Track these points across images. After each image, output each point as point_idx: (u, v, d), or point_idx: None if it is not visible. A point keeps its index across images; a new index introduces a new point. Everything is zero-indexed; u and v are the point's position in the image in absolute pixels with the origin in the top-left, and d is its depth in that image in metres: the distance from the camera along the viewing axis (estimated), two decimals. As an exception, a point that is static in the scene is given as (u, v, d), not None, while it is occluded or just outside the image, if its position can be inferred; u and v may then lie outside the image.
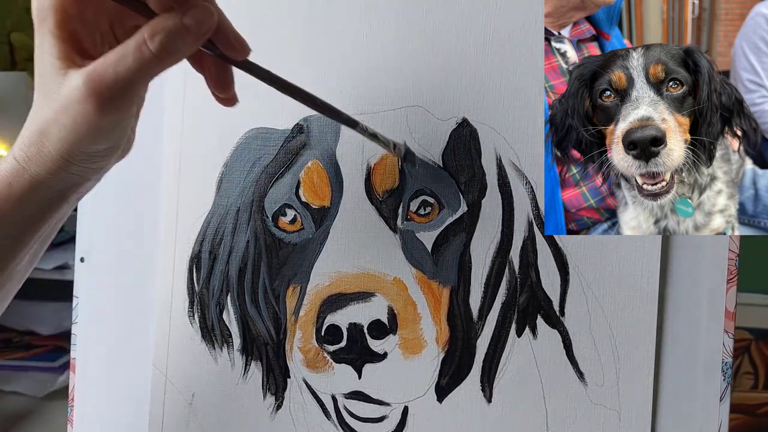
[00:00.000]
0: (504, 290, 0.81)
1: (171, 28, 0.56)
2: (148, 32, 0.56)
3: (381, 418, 0.83)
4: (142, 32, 0.56)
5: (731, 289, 0.79)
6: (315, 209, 0.84)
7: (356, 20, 0.84)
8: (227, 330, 0.86)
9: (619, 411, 0.79)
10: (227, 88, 0.68)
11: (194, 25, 0.57)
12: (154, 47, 0.56)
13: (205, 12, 0.58)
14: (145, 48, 0.56)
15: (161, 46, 0.56)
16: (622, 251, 0.79)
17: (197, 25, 0.57)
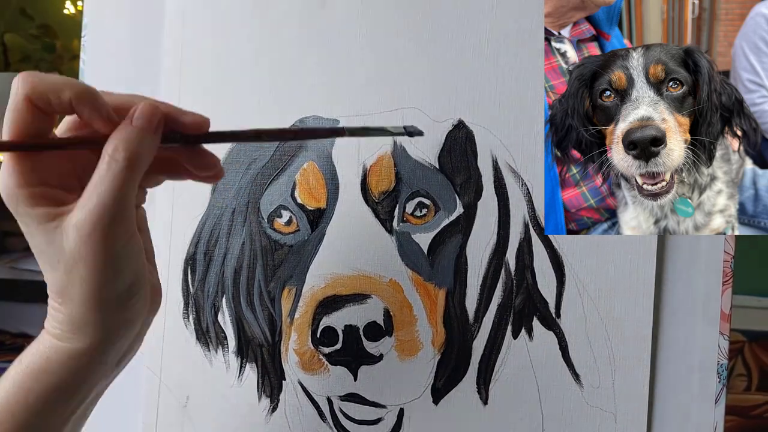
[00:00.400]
0: (500, 292, 0.81)
1: (127, 135, 0.58)
2: (110, 149, 0.58)
3: (376, 421, 0.83)
4: (105, 151, 0.58)
5: (726, 291, 0.79)
6: (310, 211, 0.83)
7: (352, 20, 0.84)
8: (222, 332, 0.86)
9: (615, 413, 0.79)
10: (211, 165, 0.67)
11: (146, 123, 0.59)
12: (120, 158, 0.57)
13: (148, 107, 0.60)
14: (113, 163, 0.57)
15: (126, 154, 0.58)
16: (618, 252, 0.79)
17: (148, 121, 0.59)
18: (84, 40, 0.91)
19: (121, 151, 0.57)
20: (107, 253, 0.58)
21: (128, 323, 0.62)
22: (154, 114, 0.60)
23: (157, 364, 0.87)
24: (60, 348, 0.60)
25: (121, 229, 0.58)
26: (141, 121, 0.59)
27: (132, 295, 0.61)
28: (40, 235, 0.59)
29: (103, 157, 0.58)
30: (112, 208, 0.57)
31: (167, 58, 0.88)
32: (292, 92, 0.84)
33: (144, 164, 0.60)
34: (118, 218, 0.58)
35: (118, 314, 0.61)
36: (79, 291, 0.58)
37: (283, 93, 0.85)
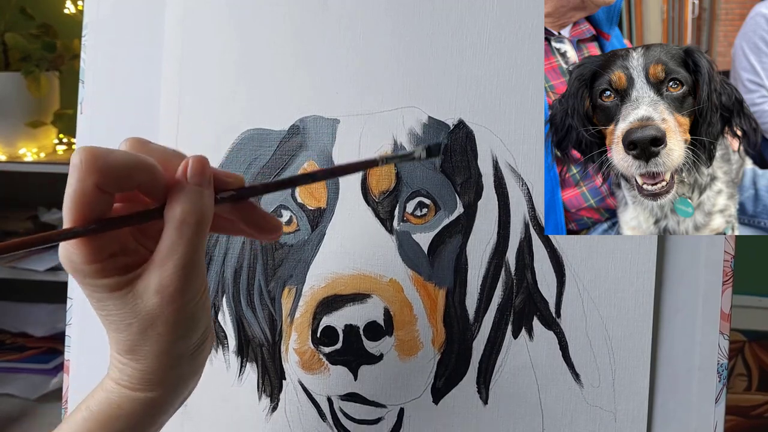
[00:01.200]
0: (500, 292, 0.81)
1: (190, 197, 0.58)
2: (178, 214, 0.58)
3: (377, 420, 0.83)
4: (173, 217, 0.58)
5: (726, 291, 0.79)
6: (311, 210, 0.83)
7: (352, 20, 0.84)
8: (222, 331, 0.86)
9: (615, 412, 0.79)
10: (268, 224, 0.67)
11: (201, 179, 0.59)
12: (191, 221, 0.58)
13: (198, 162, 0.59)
14: (185, 227, 0.58)
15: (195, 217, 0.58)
16: (618, 252, 0.79)
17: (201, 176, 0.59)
18: (84, 40, 0.91)
19: (191, 214, 0.58)
20: (186, 311, 0.59)
21: (198, 370, 0.65)
22: (205, 168, 0.60)
23: (157, 364, 0.87)
24: (132, 397, 0.61)
25: (197, 287, 0.60)
26: (197, 179, 0.59)
27: (201, 346, 0.63)
28: (109, 301, 0.59)
29: (170, 221, 0.58)
30: (190, 271, 0.58)
31: (167, 58, 0.88)
32: (293, 92, 0.84)
33: (210, 221, 0.60)
34: (194, 278, 0.59)
35: (189, 365, 0.62)
36: (155, 348, 0.59)
37: (283, 92, 0.85)
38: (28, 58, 2.43)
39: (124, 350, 0.60)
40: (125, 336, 0.59)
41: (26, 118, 2.44)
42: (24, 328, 2.37)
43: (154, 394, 0.61)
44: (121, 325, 0.59)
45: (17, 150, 2.46)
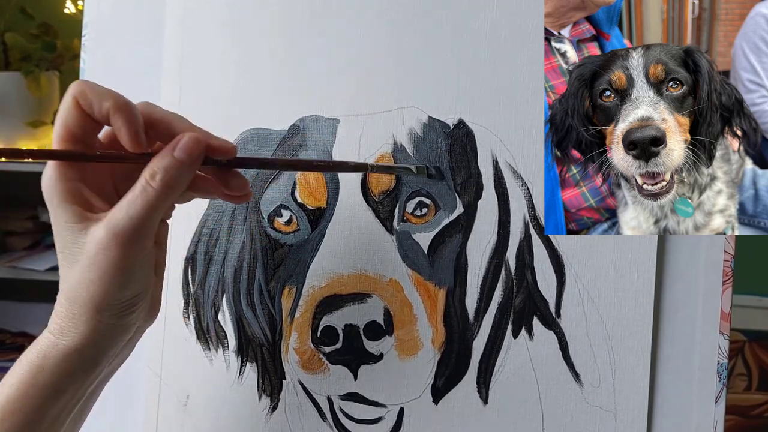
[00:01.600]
0: (500, 291, 0.81)
1: (167, 165, 0.63)
2: (148, 174, 0.63)
3: (377, 420, 0.83)
4: (144, 175, 0.63)
5: (727, 291, 0.79)
6: (311, 210, 0.83)
7: (352, 20, 0.84)
8: (222, 331, 0.86)
9: (615, 412, 0.79)
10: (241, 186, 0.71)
11: (186, 158, 0.64)
12: (156, 185, 0.62)
13: (193, 142, 0.64)
14: (149, 188, 0.62)
15: (162, 183, 0.62)
16: (618, 252, 0.79)
17: (189, 155, 0.64)
18: (84, 40, 0.91)
19: (158, 179, 0.62)
20: (121, 266, 0.62)
21: (124, 329, 0.66)
22: (196, 149, 0.64)
23: (157, 364, 0.87)
24: (56, 346, 0.64)
25: (140, 246, 0.63)
26: (182, 155, 0.64)
27: (133, 305, 0.65)
28: (66, 232, 0.63)
29: (140, 179, 0.63)
30: (138, 229, 0.62)
31: (167, 58, 0.88)
32: (293, 91, 0.84)
33: (177, 193, 0.65)
34: (141, 237, 0.63)
35: (116, 320, 0.65)
36: (87, 292, 0.62)
37: (283, 92, 0.85)
38: (28, 57, 2.43)
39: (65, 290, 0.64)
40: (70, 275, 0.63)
41: (26, 118, 2.44)
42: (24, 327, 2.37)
43: (75, 344, 0.64)
44: (71, 260, 0.63)
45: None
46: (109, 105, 0.63)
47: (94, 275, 0.62)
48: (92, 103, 0.63)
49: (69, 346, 0.63)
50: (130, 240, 0.61)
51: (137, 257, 0.63)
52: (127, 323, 0.66)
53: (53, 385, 0.64)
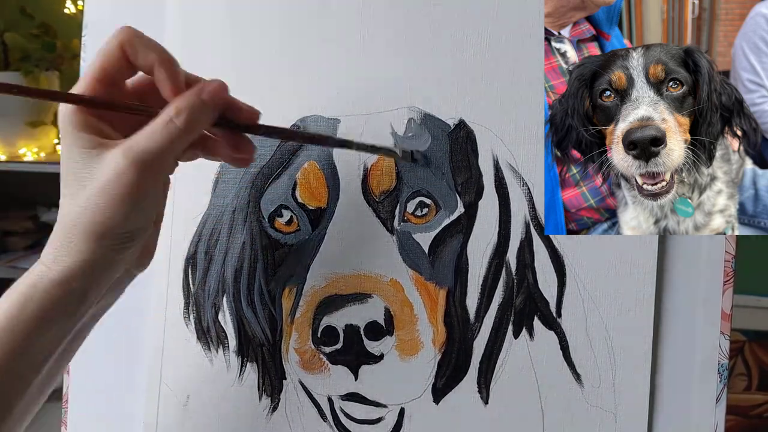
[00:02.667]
0: (501, 292, 0.81)
1: (192, 104, 0.64)
2: (173, 110, 0.63)
3: (377, 420, 0.83)
4: (168, 110, 0.64)
5: (727, 291, 0.79)
6: (311, 210, 0.83)
7: (353, 20, 0.84)
8: (223, 331, 0.86)
9: (616, 412, 0.79)
10: (247, 149, 0.73)
11: (210, 99, 0.65)
12: (180, 122, 0.63)
13: (219, 86, 0.66)
14: (172, 124, 0.63)
15: (186, 121, 0.63)
16: (619, 252, 0.79)
17: (213, 98, 0.65)
18: (84, 40, 0.91)
19: (183, 117, 0.63)
20: (134, 191, 0.62)
21: (116, 264, 0.66)
22: (221, 94, 0.66)
23: (157, 364, 0.87)
24: (47, 275, 0.63)
25: (154, 178, 0.64)
26: (208, 96, 0.65)
27: (131, 239, 0.66)
28: (78, 158, 0.63)
29: (163, 113, 0.64)
30: (155, 158, 0.63)
31: (168, 58, 0.88)
32: (293, 92, 0.84)
33: (196, 134, 0.66)
34: (156, 168, 0.64)
35: (111, 252, 0.65)
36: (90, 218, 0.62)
37: (283, 93, 0.85)
38: (28, 58, 2.43)
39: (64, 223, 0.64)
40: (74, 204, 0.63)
41: (26, 118, 2.44)
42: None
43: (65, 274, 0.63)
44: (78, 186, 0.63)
45: (17, 150, 2.46)
46: (154, 57, 0.65)
47: (102, 200, 0.62)
48: (138, 52, 0.64)
49: (59, 275, 0.63)
50: (146, 168, 0.62)
51: (149, 187, 0.64)
52: (120, 259, 0.66)
53: (40, 316, 0.64)
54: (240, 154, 0.72)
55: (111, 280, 0.67)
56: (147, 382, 0.88)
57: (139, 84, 0.70)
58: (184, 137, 0.64)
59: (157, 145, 0.62)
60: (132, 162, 0.61)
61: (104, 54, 0.65)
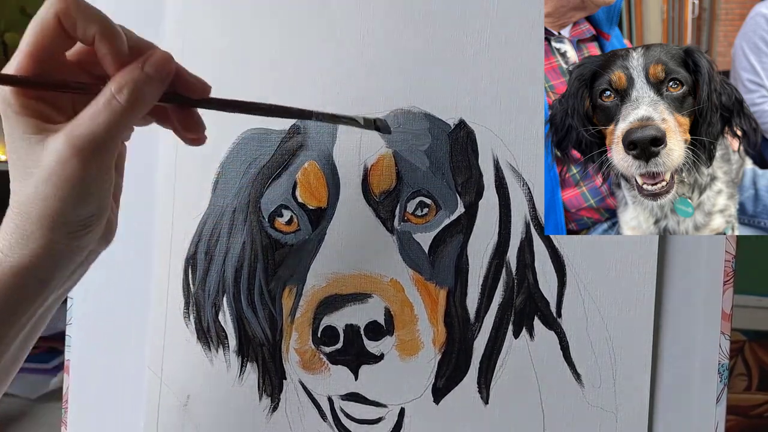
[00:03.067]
0: (501, 291, 0.81)
1: (135, 79, 0.60)
2: (114, 86, 0.60)
3: (377, 420, 0.83)
4: (109, 87, 0.60)
5: (728, 291, 0.79)
6: (311, 210, 0.83)
7: (353, 21, 0.84)
8: (223, 331, 0.86)
9: (616, 412, 0.79)
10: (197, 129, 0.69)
11: (155, 72, 0.61)
12: (122, 99, 0.59)
13: (163, 57, 0.62)
14: (114, 101, 0.59)
15: (129, 97, 0.60)
16: (619, 252, 0.79)
17: (158, 71, 0.61)
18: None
19: (126, 93, 0.59)
20: (81, 179, 0.59)
21: (76, 250, 0.64)
22: (166, 66, 0.62)
23: (157, 364, 0.87)
24: (3, 263, 0.61)
25: (101, 163, 0.60)
26: (152, 70, 0.61)
27: (88, 225, 0.63)
28: (21, 143, 0.60)
29: (104, 91, 0.60)
30: (100, 142, 0.59)
31: (168, 58, 0.88)
32: (293, 92, 0.84)
33: (142, 111, 0.62)
34: (102, 152, 0.60)
35: (68, 240, 0.62)
36: (41, 207, 0.59)
37: (283, 93, 0.85)
38: (28, 57, 2.42)
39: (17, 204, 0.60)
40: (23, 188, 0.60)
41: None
42: (24, 327, 2.37)
43: (24, 262, 0.61)
44: (25, 173, 0.60)
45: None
46: (95, 29, 0.60)
47: (49, 189, 0.59)
48: (76, 25, 0.59)
49: (18, 263, 0.61)
50: (91, 154, 0.59)
51: (97, 173, 0.60)
52: (80, 245, 0.63)
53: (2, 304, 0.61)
54: (189, 133, 0.69)
55: (74, 264, 0.65)
56: (147, 382, 0.88)
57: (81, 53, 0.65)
58: (129, 116, 0.60)
59: (100, 128, 0.59)
60: (75, 149, 0.58)
61: (39, 26, 0.60)
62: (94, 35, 0.60)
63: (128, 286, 0.89)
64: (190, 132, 0.69)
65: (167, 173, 0.87)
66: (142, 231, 0.88)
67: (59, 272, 0.64)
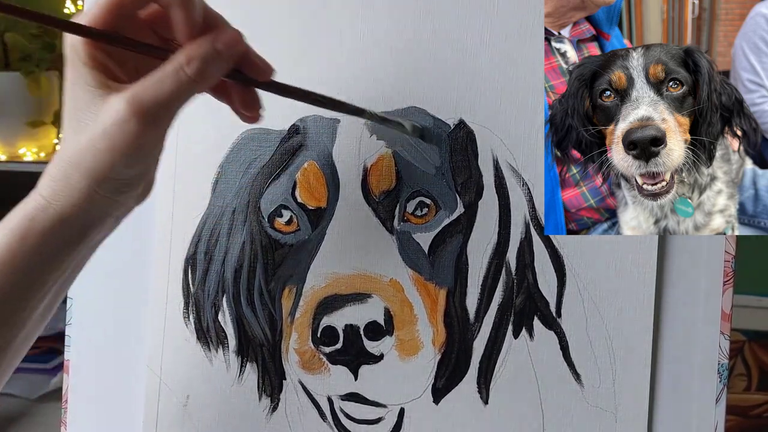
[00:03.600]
0: (500, 292, 0.81)
1: (205, 54, 0.61)
2: (184, 58, 0.60)
3: (377, 420, 0.83)
4: (179, 58, 0.60)
5: (727, 291, 0.79)
6: (311, 210, 0.83)
7: (353, 21, 0.84)
8: (222, 331, 0.86)
9: (616, 412, 0.79)
10: (254, 106, 0.70)
11: (225, 50, 0.62)
12: (191, 72, 0.60)
13: (235, 37, 0.63)
14: (182, 73, 0.60)
15: (197, 71, 0.60)
16: (619, 252, 0.79)
17: (228, 49, 0.62)
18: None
19: (195, 66, 0.60)
20: (137, 142, 0.60)
21: (117, 205, 0.64)
22: (237, 46, 0.63)
23: (157, 364, 0.87)
24: (46, 209, 0.62)
25: (159, 128, 0.62)
26: (223, 48, 0.62)
27: (132, 183, 0.64)
28: (83, 94, 0.61)
29: (173, 60, 0.60)
30: (161, 109, 0.60)
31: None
32: (293, 92, 0.84)
33: (207, 85, 0.63)
34: (162, 118, 0.61)
35: (111, 194, 0.63)
36: (92, 161, 0.60)
37: (283, 93, 0.85)
38: (28, 58, 2.42)
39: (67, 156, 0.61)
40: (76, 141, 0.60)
41: (26, 118, 2.44)
42: (24, 327, 2.37)
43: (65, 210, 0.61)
44: (79, 125, 0.61)
45: (17, 150, 2.45)
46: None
47: (103, 145, 0.59)
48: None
49: (59, 211, 0.61)
50: (150, 119, 0.59)
51: (153, 138, 0.62)
52: (122, 200, 0.64)
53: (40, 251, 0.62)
54: (247, 110, 0.70)
55: (112, 217, 0.66)
56: (147, 382, 0.88)
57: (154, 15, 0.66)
58: (194, 88, 0.61)
59: (164, 96, 0.59)
60: (136, 112, 0.58)
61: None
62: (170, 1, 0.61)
63: (128, 286, 0.89)
64: (248, 110, 0.70)
65: (167, 173, 0.86)
66: (141, 231, 0.88)
67: (96, 224, 0.64)
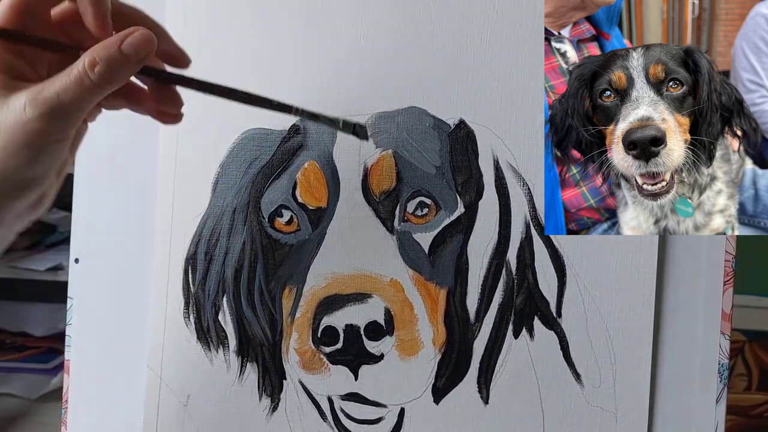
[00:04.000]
0: (501, 291, 0.81)
1: (110, 58, 0.58)
2: (88, 61, 0.57)
3: (377, 420, 0.83)
4: (83, 61, 0.58)
5: (728, 291, 0.79)
6: (311, 210, 0.83)
7: (353, 21, 0.84)
8: (223, 331, 0.86)
9: (616, 412, 0.79)
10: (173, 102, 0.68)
11: (133, 54, 0.58)
12: (94, 77, 0.57)
13: (144, 39, 0.59)
14: (85, 78, 0.57)
15: (101, 76, 0.58)
16: (619, 252, 0.79)
17: (136, 53, 0.58)
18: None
19: (97, 73, 0.57)
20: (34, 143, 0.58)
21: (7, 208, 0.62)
22: (146, 48, 0.59)
23: (157, 364, 0.87)
24: None
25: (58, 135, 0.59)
26: (130, 50, 0.58)
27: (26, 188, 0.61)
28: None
29: (78, 63, 0.58)
30: (63, 113, 0.58)
31: (168, 58, 0.88)
32: (292, 91, 0.84)
33: (112, 89, 0.60)
34: (62, 125, 0.59)
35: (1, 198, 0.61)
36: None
37: (283, 93, 0.85)
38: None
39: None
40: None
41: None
42: (24, 327, 2.36)
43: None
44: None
45: (17, 150, 2.45)
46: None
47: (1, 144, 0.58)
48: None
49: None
50: (53, 121, 0.57)
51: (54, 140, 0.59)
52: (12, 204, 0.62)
53: None
54: (165, 107, 0.67)
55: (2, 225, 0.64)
56: (147, 382, 0.88)
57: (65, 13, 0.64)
58: (98, 92, 0.59)
59: (67, 99, 0.57)
60: (37, 113, 0.57)
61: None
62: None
63: (128, 286, 0.89)
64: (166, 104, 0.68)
65: (167, 173, 0.87)
66: (142, 231, 0.88)
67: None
